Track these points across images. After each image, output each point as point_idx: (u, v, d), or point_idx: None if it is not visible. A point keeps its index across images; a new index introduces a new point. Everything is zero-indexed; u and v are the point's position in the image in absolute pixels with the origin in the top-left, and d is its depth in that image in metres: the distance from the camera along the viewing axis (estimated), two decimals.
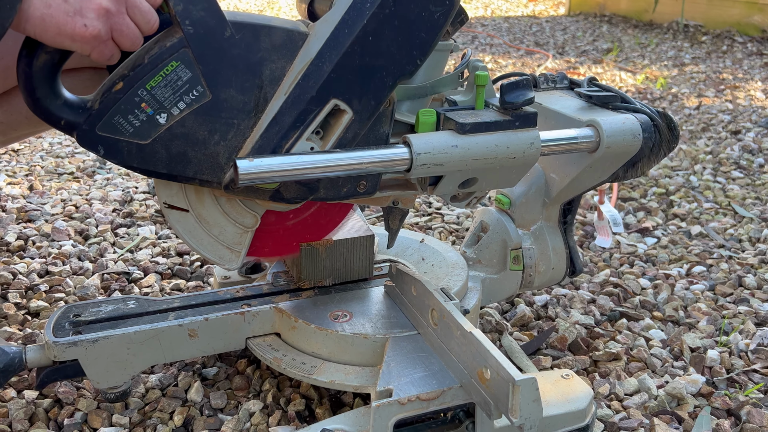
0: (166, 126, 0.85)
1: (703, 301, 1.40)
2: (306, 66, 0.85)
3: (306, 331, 1.00)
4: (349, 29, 0.84)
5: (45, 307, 1.29)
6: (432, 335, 0.95)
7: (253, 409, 1.03)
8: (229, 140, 0.87)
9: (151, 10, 0.81)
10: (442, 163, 0.89)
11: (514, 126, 0.92)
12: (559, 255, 1.18)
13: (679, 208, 1.87)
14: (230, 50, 0.83)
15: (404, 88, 0.95)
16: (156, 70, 0.82)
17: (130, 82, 0.82)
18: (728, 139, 2.45)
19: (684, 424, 1.05)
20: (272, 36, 0.84)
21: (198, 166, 0.88)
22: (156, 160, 0.86)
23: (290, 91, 0.86)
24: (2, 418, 1.00)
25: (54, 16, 0.74)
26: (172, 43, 0.82)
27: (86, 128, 0.83)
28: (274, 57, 0.85)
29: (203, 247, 0.95)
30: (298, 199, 0.93)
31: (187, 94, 0.84)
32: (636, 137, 1.01)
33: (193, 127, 0.85)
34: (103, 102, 0.83)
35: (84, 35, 0.76)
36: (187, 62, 0.83)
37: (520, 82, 0.92)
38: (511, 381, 0.77)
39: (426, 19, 0.86)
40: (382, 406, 0.85)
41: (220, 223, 0.95)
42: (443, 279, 1.10)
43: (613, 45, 4.31)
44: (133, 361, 0.97)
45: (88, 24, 0.76)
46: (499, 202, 1.19)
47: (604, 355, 1.20)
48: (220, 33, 0.82)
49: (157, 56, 0.82)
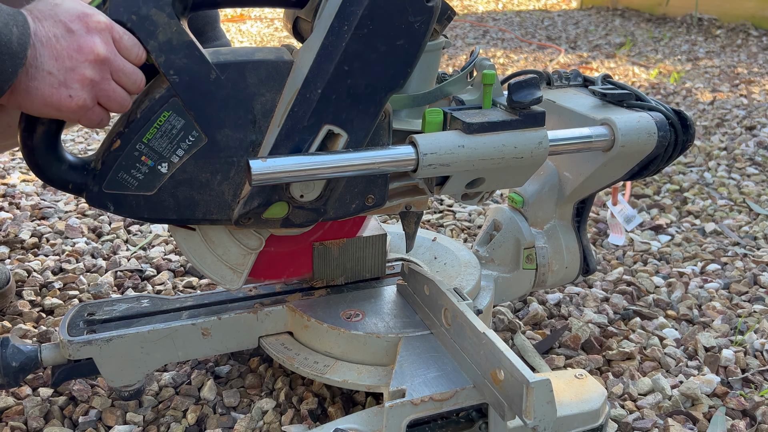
0: (168, 174, 0.86)
1: (717, 300, 1.39)
2: (294, 96, 0.85)
3: (319, 330, 1.00)
4: (331, 54, 0.83)
5: (59, 304, 1.29)
6: (445, 335, 0.95)
7: (266, 408, 1.03)
8: (232, 178, 0.88)
9: (135, 70, 0.81)
10: (449, 164, 0.88)
11: (521, 125, 0.91)
12: (572, 254, 1.17)
13: (693, 205, 1.86)
14: (218, 92, 0.84)
15: (412, 96, 0.95)
16: (150, 123, 0.83)
17: (127, 139, 0.84)
18: (743, 135, 2.43)
19: (698, 424, 1.04)
20: (257, 71, 0.84)
21: (206, 208, 0.89)
22: (165, 208, 0.88)
23: (283, 122, 0.86)
24: (18, 416, 1.01)
25: (39, 88, 0.74)
26: (161, 94, 0.83)
27: (93, 189, 0.85)
28: (262, 90, 0.85)
29: (206, 266, 0.96)
30: (308, 222, 0.94)
31: (184, 141, 0.85)
32: (651, 136, 1.00)
33: (195, 171, 0.87)
34: (104, 161, 0.84)
35: (69, 106, 0.77)
36: (179, 110, 0.83)
37: (529, 81, 0.90)
38: (525, 382, 0.77)
39: (406, 30, 0.84)
40: (396, 407, 0.85)
41: (225, 243, 0.96)
42: (456, 278, 1.09)
43: (626, 39, 4.28)
44: (146, 359, 0.98)
45: (74, 95, 0.76)
46: (512, 201, 1.18)
47: (618, 355, 1.19)
48: (206, 77, 0.83)
49: (149, 109, 0.83)
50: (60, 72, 0.75)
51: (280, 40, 4.35)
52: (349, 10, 0.82)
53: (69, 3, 0.76)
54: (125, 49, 0.79)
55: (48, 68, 0.74)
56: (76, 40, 0.75)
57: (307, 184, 0.88)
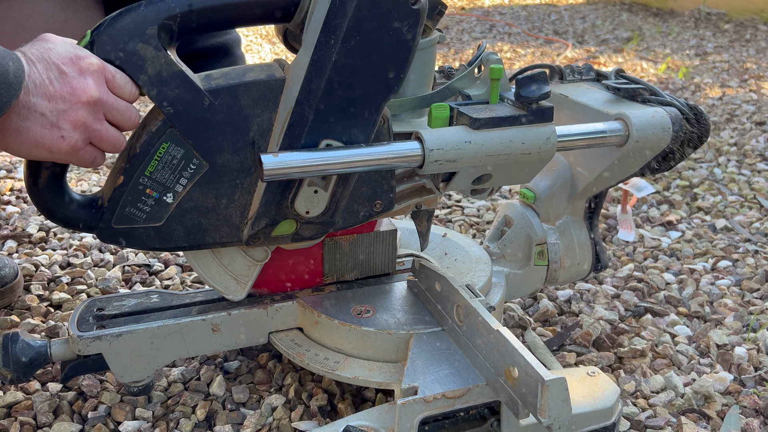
0: (174, 204, 0.87)
1: (729, 297, 1.37)
2: (289, 114, 0.84)
3: (329, 327, 0.99)
4: (321, 68, 0.82)
5: (67, 299, 1.29)
6: (457, 332, 0.94)
7: (276, 404, 1.03)
8: (237, 200, 0.88)
9: (129, 107, 0.81)
10: (455, 159, 0.87)
11: (529, 121, 0.90)
12: (584, 250, 1.16)
13: (704, 201, 1.84)
14: (214, 118, 0.83)
15: (420, 98, 0.94)
16: (150, 156, 0.84)
17: (129, 174, 0.84)
18: (753, 131, 2.41)
19: (712, 422, 1.03)
20: (250, 92, 0.84)
21: (216, 232, 0.90)
22: (175, 237, 0.88)
23: (281, 142, 0.85)
24: (27, 411, 1.01)
25: (31, 129, 0.74)
26: (157, 126, 0.83)
27: (103, 226, 0.86)
28: (257, 111, 0.85)
29: (210, 274, 0.96)
30: (318, 235, 0.94)
31: (186, 170, 0.85)
32: (666, 131, 0.99)
33: (200, 198, 0.87)
34: (111, 198, 0.85)
35: (61, 147, 0.76)
36: (177, 140, 0.84)
37: (537, 75, 0.89)
38: (540, 381, 0.76)
39: (394, 37, 0.82)
40: (408, 404, 0.84)
41: (231, 253, 0.96)
42: (467, 274, 1.08)
43: (634, 34, 4.25)
44: (156, 355, 0.97)
45: (66, 135, 0.76)
46: (523, 197, 1.17)
47: (629, 352, 1.18)
48: (200, 105, 0.83)
49: (147, 143, 0.83)
50: (53, 114, 0.75)
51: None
52: (334, 22, 0.80)
53: (61, 46, 0.77)
54: (118, 88, 0.79)
55: (41, 110, 0.74)
56: (69, 82, 0.75)
57: (311, 200, 0.88)
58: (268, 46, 3.91)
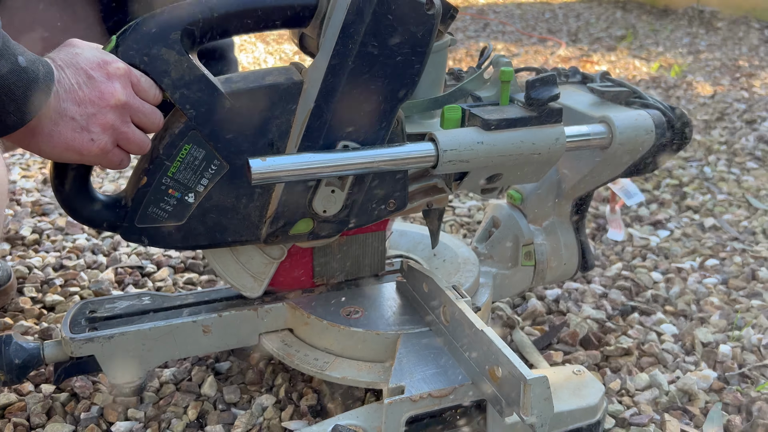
0: (196, 204, 0.89)
1: (715, 295, 1.39)
2: (307, 117, 0.86)
3: (318, 327, 1.00)
4: (339, 72, 0.85)
5: (60, 301, 1.30)
6: (443, 332, 0.96)
7: (266, 404, 1.04)
8: (256, 200, 0.91)
9: (153, 110, 0.83)
10: (468, 160, 0.90)
11: (539, 122, 0.93)
12: (571, 250, 1.17)
13: (693, 200, 1.86)
14: (234, 120, 0.86)
15: (432, 100, 0.97)
16: (172, 158, 0.86)
17: (152, 175, 0.87)
18: (743, 129, 2.43)
19: (695, 419, 1.05)
20: (269, 95, 0.86)
21: (235, 231, 0.92)
22: (196, 235, 0.91)
23: (299, 143, 0.88)
24: (20, 412, 1.02)
25: (62, 133, 0.77)
26: (180, 128, 0.85)
27: (127, 225, 0.89)
28: (276, 113, 0.87)
29: (229, 273, 0.98)
30: (333, 233, 0.96)
31: (207, 170, 0.88)
32: (649, 133, 1.00)
33: (220, 198, 0.89)
34: (134, 198, 0.88)
35: (91, 150, 0.79)
36: (198, 142, 0.86)
37: (546, 78, 0.92)
38: (522, 380, 0.77)
39: (410, 41, 0.85)
40: (395, 403, 0.86)
41: (249, 251, 0.98)
42: (455, 275, 1.10)
43: (627, 32, 4.27)
44: (148, 356, 0.99)
45: (95, 138, 0.79)
46: (510, 198, 1.18)
47: (616, 350, 1.20)
48: (221, 107, 0.85)
49: (170, 144, 0.86)
50: (82, 118, 0.77)
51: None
52: (352, 28, 0.83)
53: (88, 51, 0.79)
54: (143, 91, 0.82)
55: (71, 114, 0.77)
56: (97, 86, 0.78)
57: (328, 199, 0.91)
58: (261, 46, 3.92)
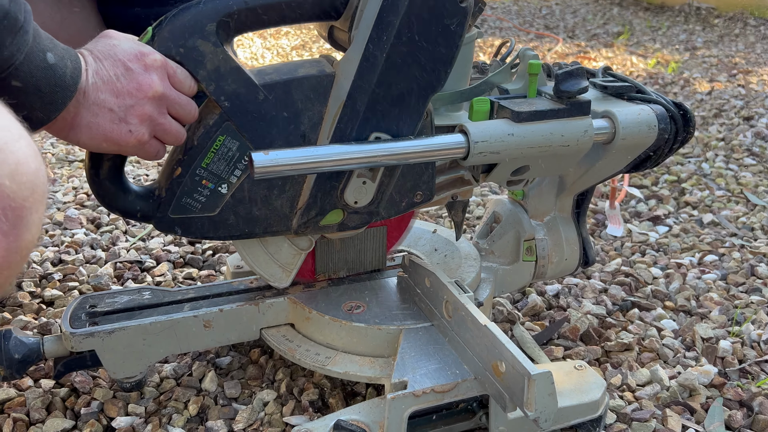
0: (229, 195, 0.90)
1: (715, 291, 1.39)
2: (340, 109, 0.87)
3: (320, 322, 1.00)
4: (373, 64, 0.85)
5: (59, 296, 1.30)
6: (446, 327, 0.96)
7: (267, 399, 1.04)
8: (288, 191, 0.91)
9: (189, 101, 0.84)
10: (499, 151, 0.91)
11: (568, 114, 0.94)
12: (572, 246, 1.17)
13: (691, 196, 1.86)
14: (268, 112, 0.86)
15: (459, 92, 0.97)
16: (206, 149, 0.87)
17: (186, 166, 0.87)
18: (741, 125, 2.43)
19: (696, 415, 1.05)
20: (302, 87, 0.87)
21: (266, 222, 0.93)
22: (228, 226, 0.91)
23: (331, 135, 0.88)
24: (20, 407, 1.02)
25: (101, 124, 0.78)
26: (214, 120, 0.86)
27: (160, 215, 0.89)
28: (308, 105, 0.88)
29: (258, 263, 0.99)
30: (362, 224, 0.97)
31: (240, 162, 0.88)
32: (652, 129, 1.00)
33: (253, 189, 0.90)
34: (168, 188, 0.88)
35: (129, 141, 0.80)
36: (232, 134, 0.87)
37: (575, 71, 0.94)
38: (526, 375, 0.77)
39: (443, 33, 0.86)
40: (397, 398, 0.86)
41: (277, 241, 0.99)
42: (456, 270, 1.10)
43: (624, 28, 4.27)
44: (148, 351, 0.98)
45: (133, 130, 0.80)
46: (512, 193, 1.18)
47: (616, 346, 1.20)
48: (255, 99, 0.85)
49: (204, 135, 0.86)
50: (121, 109, 0.78)
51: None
52: (386, 20, 0.84)
53: (126, 43, 0.80)
54: (179, 83, 0.82)
55: (109, 105, 0.78)
56: (135, 78, 0.78)
57: (360, 190, 0.92)
58: (259, 41, 3.90)
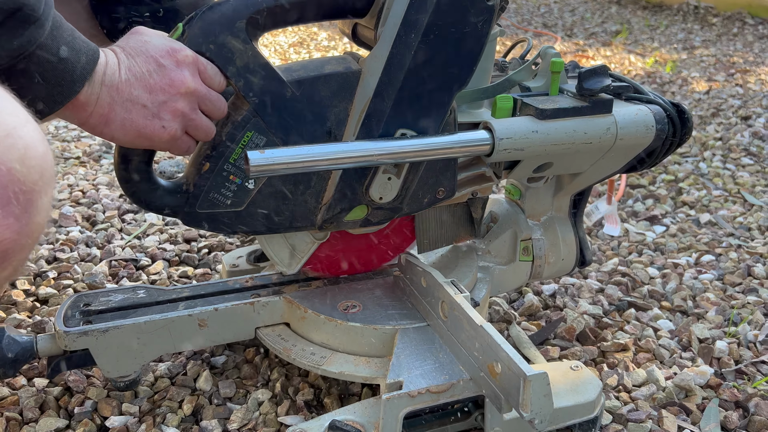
0: (256, 190, 0.90)
1: (711, 291, 1.39)
2: (366, 105, 0.88)
3: (315, 322, 1.00)
4: (400, 62, 0.86)
5: (53, 294, 1.29)
6: (442, 327, 0.95)
7: (262, 398, 1.03)
8: (314, 186, 0.92)
9: (219, 97, 0.84)
10: (523, 148, 0.92)
11: (591, 112, 0.95)
12: (569, 246, 1.17)
13: (688, 196, 1.86)
14: (295, 108, 0.87)
15: (482, 90, 0.97)
16: (235, 144, 0.87)
17: (215, 161, 0.88)
18: (738, 125, 2.43)
19: (692, 416, 1.05)
20: (329, 83, 0.87)
21: (292, 216, 0.93)
22: (255, 221, 0.92)
23: (357, 131, 0.89)
24: (13, 406, 1.01)
25: (134, 120, 0.78)
26: (243, 116, 0.86)
27: (188, 210, 0.89)
28: (335, 102, 0.88)
29: (271, 244, 0.99)
30: (385, 220, 0.98)
31: None
32: (649, 129, 1.00)
33: (279, 184, 0.90)
34: (196, 183, 0.88)
35: (162, 136, 0.81)
36: (260, 129, 0.87)
37: (598, 69, 0.95)
38: (522, 376, 0.77)
39: (470, 32, 0.86)
40: (393, 399, 0.85)
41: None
42: (452, 270, 1.09)
43: (622, 27, 4.27)
44: (143, 350, 0.98)
45: (166, 125, 0.80)
46: (509, 193, 1.18)
47: (613, 346, 1.19)
48: (283, 95, 0.86)
49: (233, 131, 0.87)
50: (154, 105, 0.79)
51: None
52: (414, 18, 0.84)
53: (157, 39, 0.81)
54: (209, 79, 0.83)
55: (143, 102, 0.78)
56: (167, 74, 0.79)
57: (385, 186, 0.92)
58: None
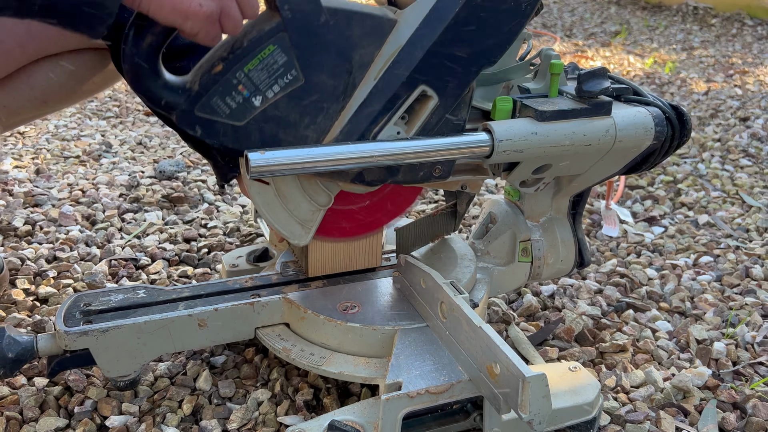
0: (260, 108, 0.86)
1: (709, 292, 1.40)
2: (396, 52, 0.86)
3: (315, 322, 1.00)
4: (441, 18, 0.85)
5: (53, 293, 1.29)
6: (441, 328, 0.95)
7: (262, 398, 1.04)
8: (318, 123, 0.89)
9: None
10: (522, 150, 0.91)
11: (590, 114, 0.95)
12: (567, 247, 1.17)
13: (687, 197, 1.87)
14: (324, 36, 0.85)
15: (487, 76, 0.97)
16: (254, 53, 0.84)
17: (229, 65, 0.84)
18: (737, 126, 2.43)
19: (690, 417, 1.05)
20: (364, 22, 0.86)
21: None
22: (249, 141, 0.88)
23: (380, 76, 0.87)
24: (13, 405, 1.01)
25: None
26: (271, 27, 0.83)
27: (185, 109, 0.85)
28: (364, 43, 0.86)
29: (278, 220, 0.97)
30: (378, 181, 0.95)
31: (282, 78, 0.85)
32: (648, 131, 1.00)
33: (285, 110, 0.87)
34: (202, 83, 0.85)
35: (198, 14, 0.79)
36: (284, 46, 0.84)
37: (597, 71, 0.95)
38: (521, 377, 0.77)
39: (514, 9, 0.86)
40: (392, 399, 0.86)
41: (296, 198, 0.97)
42: (451, 271, 1.10)
43: (622, 27, 4.27)
44: (143, 350, 0.98)
45: (203, 3, 0.78)
46: (508, 194, 1.18)
47: (611, 347, 1.20)
48: (316, 18, 0.83)
49: (256, 40, 0.83)
50: None
51: None
52: None
53: None
54: None
55: None
56: None
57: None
58: None
